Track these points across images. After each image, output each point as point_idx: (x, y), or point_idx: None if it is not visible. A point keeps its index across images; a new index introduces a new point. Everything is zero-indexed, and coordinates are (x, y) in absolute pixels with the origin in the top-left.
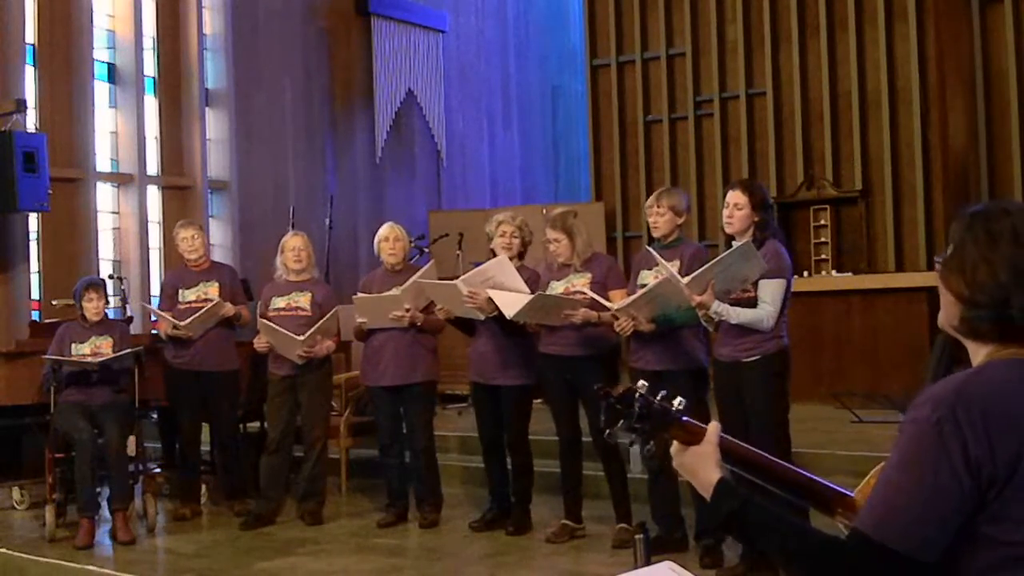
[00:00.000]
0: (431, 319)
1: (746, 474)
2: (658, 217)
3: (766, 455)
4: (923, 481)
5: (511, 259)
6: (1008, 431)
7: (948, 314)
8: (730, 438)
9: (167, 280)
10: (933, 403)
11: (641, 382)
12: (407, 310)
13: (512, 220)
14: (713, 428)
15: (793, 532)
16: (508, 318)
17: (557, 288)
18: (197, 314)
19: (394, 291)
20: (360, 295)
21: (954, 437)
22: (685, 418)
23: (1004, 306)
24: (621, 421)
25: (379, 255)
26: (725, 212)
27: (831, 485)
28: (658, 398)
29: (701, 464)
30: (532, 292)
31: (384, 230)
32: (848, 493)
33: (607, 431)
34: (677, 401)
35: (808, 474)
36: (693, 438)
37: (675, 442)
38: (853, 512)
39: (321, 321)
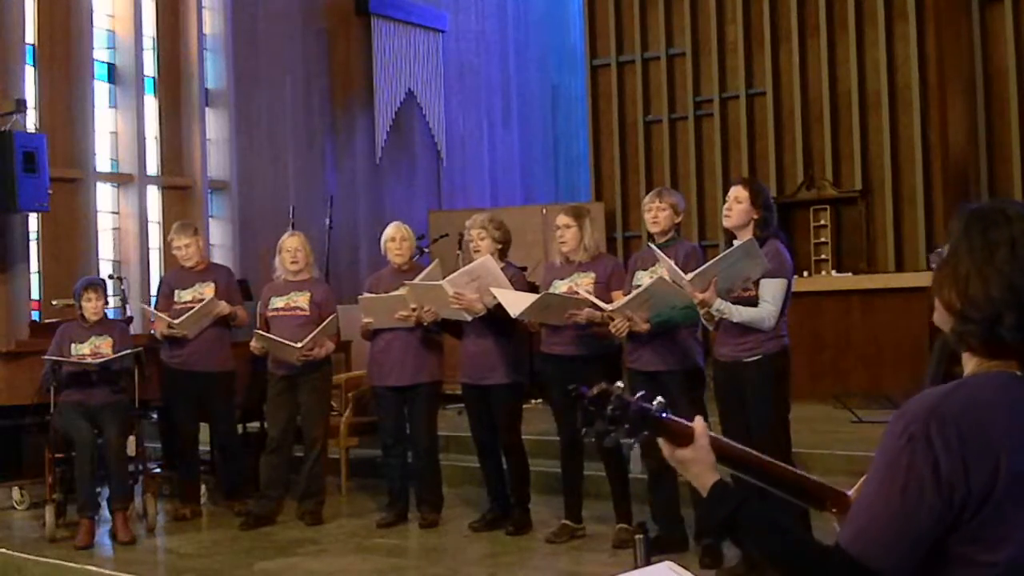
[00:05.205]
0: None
1: (738, 472)
2: (659, 212)
3: (756, 453)
4: (894, 500)
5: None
6: (983, 451)
7: (941, 319)
8: (719, 436)
9: (164, 280)
10: (907, 419)
11: (618, 383)
12: (413, 309)
13: (475, 222)
14: (700, 426)
15: (784, 539)
16: (513, 317)
17: (560, 287)
18: (189, 312)
19: (400, 290)
20: (366, 295)
21: (925, 456)
22: (665, 415)
23: (995, 323)
24: (597, 422)
25: (386, 255)
26: (725, 206)
27: (824, 483)
28: (636, 397)
29: (696, 466)
30: (516, 289)
31: (390, 230)
32: (843, 492)
33: (583, 431)
34: (656, 400)
35: (800, 472)
36: (678, 437)
37: (662, 440)
38: (846, 510)
39: (318, 328)
